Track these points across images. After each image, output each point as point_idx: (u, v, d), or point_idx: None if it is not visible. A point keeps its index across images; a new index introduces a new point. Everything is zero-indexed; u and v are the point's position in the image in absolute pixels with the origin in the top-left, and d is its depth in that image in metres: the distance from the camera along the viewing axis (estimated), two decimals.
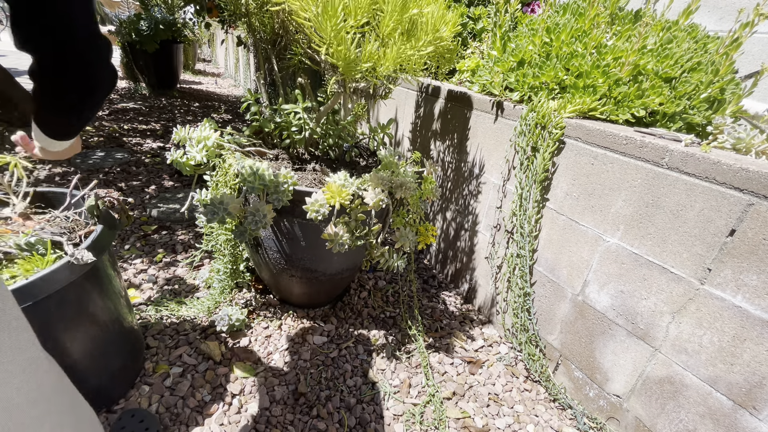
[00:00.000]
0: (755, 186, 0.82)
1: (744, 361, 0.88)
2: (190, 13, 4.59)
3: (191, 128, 1.19)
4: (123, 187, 2.30)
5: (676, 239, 0.97)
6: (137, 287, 1.51)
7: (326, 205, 1.08)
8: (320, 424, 1.10)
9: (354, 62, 1.02)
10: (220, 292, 1.45)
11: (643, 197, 1.03)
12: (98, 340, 0.95)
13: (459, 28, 1.34)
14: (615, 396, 1.16)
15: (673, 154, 0.96)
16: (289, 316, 1.47)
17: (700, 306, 0.94)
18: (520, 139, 1.31)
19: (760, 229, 0.83)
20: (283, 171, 1.11)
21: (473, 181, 1.65)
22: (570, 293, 1.25)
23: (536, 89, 1.34)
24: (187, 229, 1.96)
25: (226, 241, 1.36)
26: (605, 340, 1.16)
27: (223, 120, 4.05)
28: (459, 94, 1.67)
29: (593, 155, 1.14)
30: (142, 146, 3.02)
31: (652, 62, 1.16)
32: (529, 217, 1.32)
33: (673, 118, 1.20)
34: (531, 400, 1.30)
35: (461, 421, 1.19)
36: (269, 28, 1.47)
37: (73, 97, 0.58)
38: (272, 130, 1.40)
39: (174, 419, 1.05)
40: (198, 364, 1.21)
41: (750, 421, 0.88)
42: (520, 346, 1.43)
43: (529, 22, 1.46)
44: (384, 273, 1.83)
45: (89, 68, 0.56)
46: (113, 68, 0.60)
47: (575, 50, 1.25)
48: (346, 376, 1.27)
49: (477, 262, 1.66)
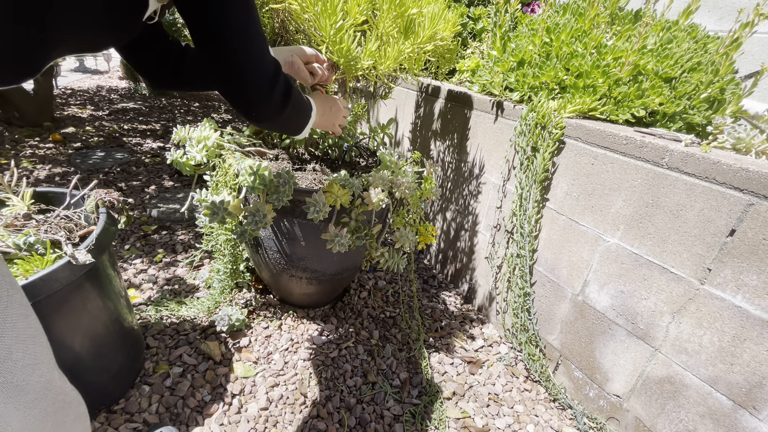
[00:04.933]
0: (755, 186, 0.82)
1: (744, 361, 0.88)
2: None
3: (191, 128, 1.19)
4: (123, 187, 2.30)
5: (676, 239, 0.97)
6: (137, 287, 1.51)
7: (326, 205, 1.08)
8: (320, 424, 1.10)
9: (354, 60, 1.02)
10: (220, 292, 1.45)
11: (643, 197, 1.03)
12: (98, 340, 0.95)
13: (459, 28, 1.34)
14: (615, 396, 1.16)
15: (673, 154, 0.96)
16: (289, 316, 1.47)
17: (700, 306, 0.94)
18: (520, 139, 1.31)
19: (760, 229, 0.83)
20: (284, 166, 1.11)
21: (473, 181, 1.65)
22: (570, 293, 1.25)
23: (536, 89, 1.34)
24: (187, 229, 1.96)
25: (226, 241, 1.36)
26: (605, 340, 1.16)
27: (223, 120, 4.05)
28: (459, 94, 1.67)
29: (593, 155, 1.14)
30: (142, 146, 3.02)
31: (652, 62, 1.16)
32: (529, 217, 1.32)
33: (673, 118, 1.20)
34: (531, 400, 1.30)
35: (461, 421, 1.19)
36: (269, 28, 1.47)
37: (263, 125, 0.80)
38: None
39: (174, 419, 1.05)
40: (198, 364, 1.21)
41: (750, 421, 0.87)
42: (520, 346, 1.43)
43: (529, 22, 1.46)
44: (384, 273, 1.83)
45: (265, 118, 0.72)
46: (281, 91, 0.69)
47: (575, 50, 1.24)
48: (346, 376, 1.27)
49: (477, 262, 1.66)
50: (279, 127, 0.83)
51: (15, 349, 0.48)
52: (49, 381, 0.54)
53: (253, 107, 0.66)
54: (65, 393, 0.58)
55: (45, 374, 0.53)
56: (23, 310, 0.51)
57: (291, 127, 0.83)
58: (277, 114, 0.70)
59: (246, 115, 0.68)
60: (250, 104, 0.66)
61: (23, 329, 0.50)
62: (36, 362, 0.52)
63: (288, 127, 0.83)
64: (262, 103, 0.66)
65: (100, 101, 4.32)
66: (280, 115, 0.71)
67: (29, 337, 0.51)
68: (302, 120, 0.83)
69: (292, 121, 0.81)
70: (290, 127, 0.83)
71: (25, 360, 0.50)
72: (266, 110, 0.68)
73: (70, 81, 5.40)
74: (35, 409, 0.51)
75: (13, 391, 0.48)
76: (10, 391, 0.48)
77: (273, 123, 0.76)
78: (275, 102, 0.68)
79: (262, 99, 0.65)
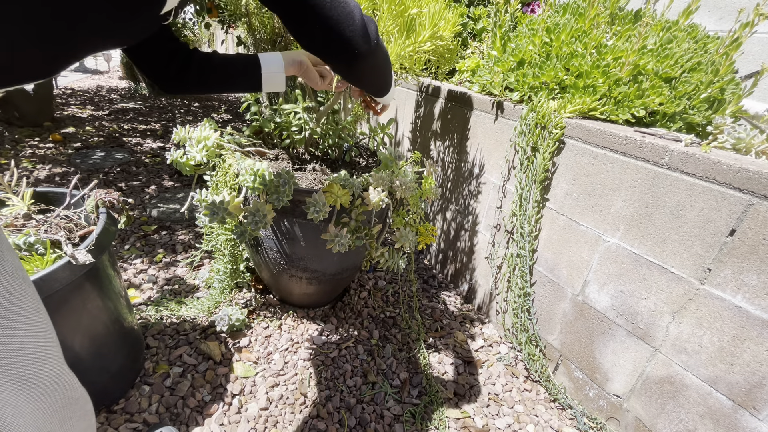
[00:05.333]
0: (755, 186, 0.82)
1: (744, 361, 0.88)
2: (190, 13, 4.59)
3: (191, 128, 1.19)
4: (123, 187, 2.30)
5: (676, 239, 0.97)
6: (137, 287, 1.51)
7: (326, 205, 1.08)
8: (320, 424, 1.10)
9: None
10: (220, 292, 1.45)
11: (643, 197, 1.03)
12: (98, 339, 0.95)
13: (459, 28, 1.34)
14: (615, 396, 1.16)
15: (673, 154, 0.96)
16: (289, 316, 1.47)
17: (700, 306, 0.94)
18: (520, 139, 1.31)
19: (760, 229, 0.83)
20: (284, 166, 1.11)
21: (473, 181, 1.65)
22: (570, 293, 1.25)
23: (536, 89, 1.34)
24: (187, 229, 1.96)
25: (226, 241, 1.36)
26: (605, 340, 1.16)
27: (223, 120, 4.05)
28: (459, 94, 1.67)
29: (593, 155, 1.14)
30: (142, 146, 3.02)
31: (652, 62, 1.16)
32: (529, 217, 1.32)
33: (673, 118, 1.20)
34: (531, 400, 1.30)
35: (461, 421, 1.19)
36: (269, 28, 1.47)
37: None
38: (272, 130, 1.40)
39: (174, 419, 1.05)
40: (198, 364, 1.21)
41: (750, 421, 0.87)
42: (520, 346, 1.43)
43: (529, 22, 1.46)
44: (384, 273, 1.83)
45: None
46: (370, 20, 0.67)
47: (575, 50, 1.24)
48: (346, 376, 1.27)
49: (477, 262, 1.66)
50: (378, 72, 0.79)
51: (27, 342, 0.49)
52: (59, 375, 0.55)
53: (352, 43, 0.64)
54: (73, 389, 0.59)
55: (55, 368, 0.54)
56: (36, 304, 0.52)
57: (387, 74, 0.82)
58: (377, 47, 0.69)
59: (348, 58, 0.66)
60: (349, 42, 0.64)
61: (36, 323, 0.51)
62: (46, 356, 0.52)
63: (386, 73, 0.82)
64: (359, 37, 0.64)
65: (100, 101, 4.32)
66: (379, 48, 0.70)
67: (41, 330, 0.52)
68: (389, 67, 0.83)
69: (387, 63, 0.80)
70: (387, 72, 0.82)
71: (36, 353, 0.50)
72: (367, 44, 0.66)
73: (70, 81, 5.40)
74: (45, 403, 0.52)
75: (25, 383, 0.49)
76: (22, 384, 0.49)
77: (375, 61, 0.72)
78: (372, 32, 0.66)
79: (359, 32, 0.64)
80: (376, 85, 0.84)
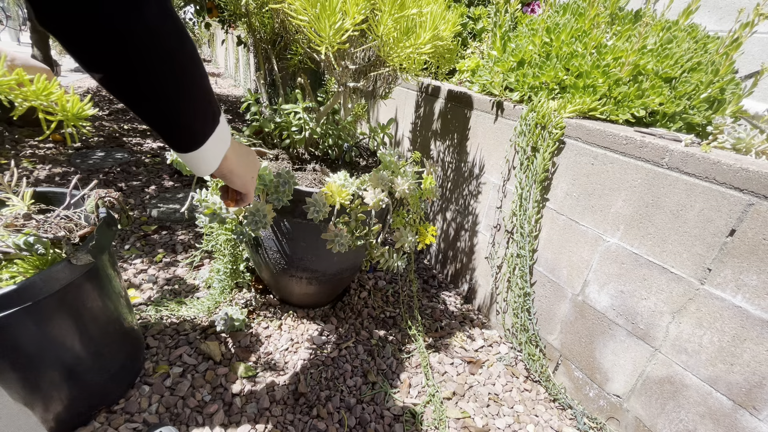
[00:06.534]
0: (755, 186, 0.82)
1: (744, 361, 0.88)
2: (190, 13, 4.59)
3: None
4: (123, 187, 2.30)
5: (676, 239, 0.97)
6: (137, 287, 1.51)
7: (326, 205, 1.08)
8: (320, 424, 1.10)
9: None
10: (220, 292, 1.45)
11: (643, 197, 1.03)
12: (98, 339, 0.95)
13: (459, 28, 1.34)
14: (615, 396, 1.16)
15: (673, 154, 0.96)
16: (289, 316, 1.46)
17: (700, 306, 0.94)
18: (520, 139, 1.31)
19: (760, 229, 0.83)
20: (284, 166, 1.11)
21: (473, 181, 1.65)
22: (570, 293, 1.25)
23: (536, 89, 1.34)
24: (187, 229, 1.96)
25: (226, 241, 1.36)
26: (605, 340, 1.16)
27: None
28: (459, 94, 1.67)
29: (593, 155, 1.14)
30: (142, 146, 3.02)
31: (652, 62, 1.16)
32: (529, 217, 1.32)
33: (673, 118, 1.20)
34: (531, 400, 1.30)
35: (461, 421, 1.19)
36: (269, 28, 1.47)
37: None
38: (272, 130, 1.40)
39: (174, 419, 1.05)
40: (198, 364, 1.21)
41: (750, 421, 0.87)
42: (520, 346, 1.43)
43: (529, 22, 1.46)
44: (384, 273, 1.83)
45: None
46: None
47: (575, 50, 1.24)
48: (346, 376, 1.27)
49: (477, 262, 1.66)
50: (166, 72, 0.43)
51: None
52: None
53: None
54: None
55: None
56: None
57: (190, 86, 0.46)
58: (165, 20, 0.41)
59: (88, 18, 0.36)
60: None
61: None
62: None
63: (185, 82, 0.45)
64: None
65: (100, 101, 4.32)
66: (172, 23, 0.41)
67: None
68: (198, 76, 0.47)
69: (192, 64, 0.45)
70: (188, 83, 0.46)
71: None
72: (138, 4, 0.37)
73: (70, 81, 5.40)
74: None
75: None
76: None
77: (154, 43, 0.40)
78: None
79: None
80: (166, 104, 0.45)
